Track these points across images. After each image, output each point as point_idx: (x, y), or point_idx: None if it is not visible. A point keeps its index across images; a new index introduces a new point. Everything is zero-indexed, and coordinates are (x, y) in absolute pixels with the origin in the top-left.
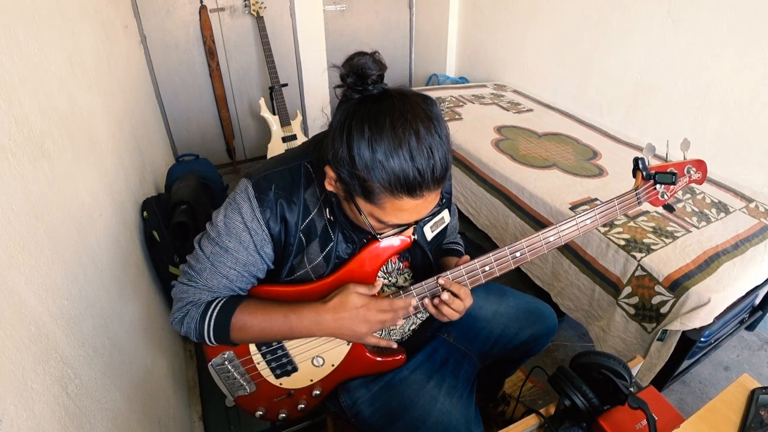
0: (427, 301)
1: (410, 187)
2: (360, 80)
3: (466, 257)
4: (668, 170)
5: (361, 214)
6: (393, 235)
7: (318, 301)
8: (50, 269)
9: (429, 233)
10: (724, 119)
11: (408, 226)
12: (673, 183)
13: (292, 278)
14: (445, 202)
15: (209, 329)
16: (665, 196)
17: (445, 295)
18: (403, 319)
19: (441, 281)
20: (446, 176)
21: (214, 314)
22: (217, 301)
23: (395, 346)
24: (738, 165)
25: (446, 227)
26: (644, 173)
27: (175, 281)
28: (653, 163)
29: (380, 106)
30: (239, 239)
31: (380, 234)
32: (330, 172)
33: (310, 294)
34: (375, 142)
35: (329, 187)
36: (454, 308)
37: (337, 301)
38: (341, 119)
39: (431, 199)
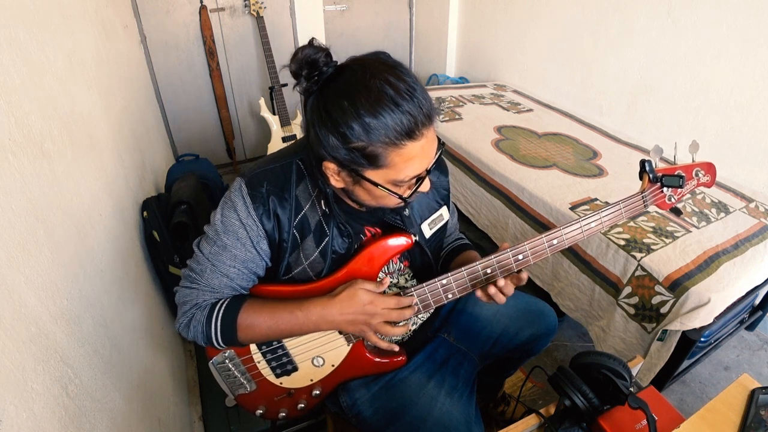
0: (480, 293)
1: (408, 130)
2: (313, 68)
3: (507, 244)
4: (676, 173)
5: (377, 187)
6: (415, 192)
7: (324, 296)
8: (50, 269)
9: (428, 231)
10: (724, 119)
11: (423, 178)
12: (681, 186)
13: (290, 276)
14: (444, 200)
15: (216, 330)
16: (672, 200)
17: (501, 282)
18: (410, 325)
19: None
20: (434, 110)
21: (220, 315)
22: (221, 302)
23: (396, 348)
24: (738, 165)
25: (445, 225)
26: (651, 176)
27: (177, 287)
28: (660, 165)
29: (343, 77)
30: (236, 236)
31: (407, 198)
32: (329, 165)
33: (313, 293)
34: (356, 108)
35: (336, 184)
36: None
37: (345, 295)
38: (314, 110)
39: (431, 136)
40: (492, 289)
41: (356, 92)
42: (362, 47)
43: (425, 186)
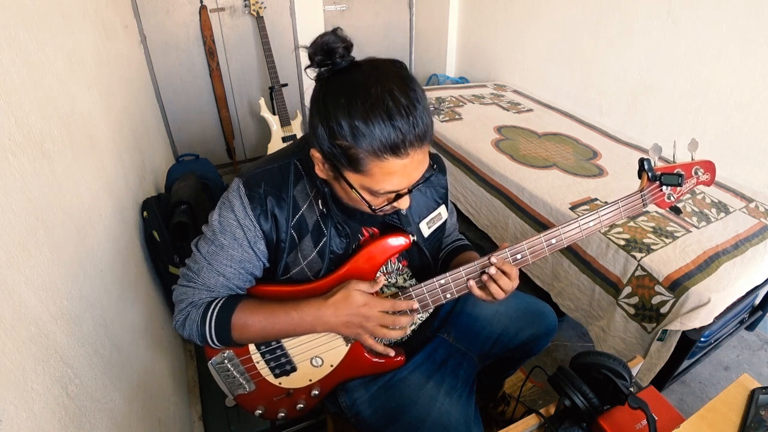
0: (471, 282)
1: (394, 146)
2: (327, 56)
3: (506, 243)
4: (675, 171)
5: (352, 189)
6: (389, 207)
7: (319, 297)
8: (50, 269)
9: (426, 230)
10: (724, 119)
11: (401, 196)
12: (680, 185)
13: (289, 276)
14: (442, 199)
15: (210, 330)
16: (672, 198)
17: (493, 270)
18: (408, 328)
19: (494, 259)
20: (429, 133)
21: (215, 314)
22: (216, 301)
23: (392, 353)
24: (738, 165)
25: (444, 224)
26: (650, 174)
27: (175, 285)
28: (659, 164)
29: (351, 75)
30: (234, 236)
31: (377, 209)
32: (315, 153)
33: (311, 294)
34: (351, 107)
35: (319, 173)
36: (501, 285)
37: (339, 297)
38: (316, 96)
39: (418, 159)
40: (493, 287)
41: (357, 93)
42: (362, 47)
43: (403, 203)
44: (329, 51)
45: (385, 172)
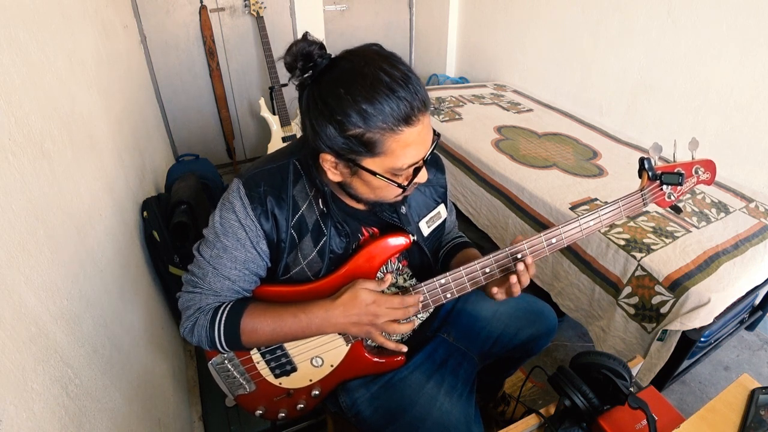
0: (495, 290)
1: (405, 116)
2: (307, 59)
3: (520, 236)
4: (675, 170)
5: (376, 176)
6: (414, 182)
7: (327, 298)
8: (50, 269)
9: (426, 229)
10: (724, 119)
11: (420, 168)
12: (680, 184)
13: (289, 276)
14: (441, 198)
15: (219, 335)
16: (672, 197)
17: (529, 259)
18: (414, 318)
19: (529, 259)
20: (428, 99)
21: (223, 319)
22: (224, 306)
23: (405, 349)
24: (738, 165)
25: (443, 223)
26: (650, 173)
27: (180, 293)
28: (659, 163)
29: (338, 68)
30: (236, 237)
31: (406, 187)
32: (327, 156)
33: (313, 294)
34: (352, 95)
35: (333, 178)
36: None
37: (347, 297)
38: (310, 101)
39: (427, 123)
40: (513, 278)
41: (352, 80)
42: None
43: (422, 176)
44: (307, 55)
45: (402, 145)
